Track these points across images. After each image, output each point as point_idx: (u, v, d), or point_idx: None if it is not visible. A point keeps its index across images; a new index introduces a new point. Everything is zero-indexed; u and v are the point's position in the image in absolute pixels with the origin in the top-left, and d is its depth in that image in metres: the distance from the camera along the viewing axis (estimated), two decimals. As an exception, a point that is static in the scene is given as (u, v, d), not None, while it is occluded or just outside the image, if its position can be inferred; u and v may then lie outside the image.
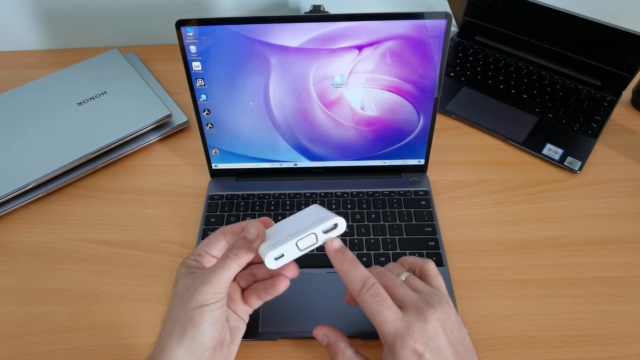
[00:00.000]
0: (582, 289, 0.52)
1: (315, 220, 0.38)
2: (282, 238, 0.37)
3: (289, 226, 0.39)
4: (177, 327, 0.36)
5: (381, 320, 0.35)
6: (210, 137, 0.59)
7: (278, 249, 0.36)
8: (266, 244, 0.37)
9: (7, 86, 0.73)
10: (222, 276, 0.36)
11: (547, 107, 0.71)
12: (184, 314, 0.36)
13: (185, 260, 0.40)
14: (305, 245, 0.37)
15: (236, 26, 0.51)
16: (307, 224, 0.38)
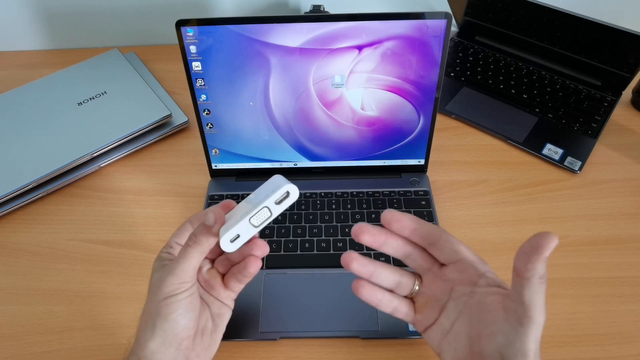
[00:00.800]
0: (582, 289, 0.52)
1: (268, 192, 0.37)
2: (236, 218, 0.37)
3: (246, 204, 0.38)
4: (149, 320, 0.36)
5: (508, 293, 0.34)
6: (210, 137, 0.59)
7: (232, 230, 0.36)
8: (225, 226, 0.37)
9: (7, 86, 0.73)
10: (184, 266, 0.36)
11: (547, 107, 0.71)
12: (154, 307, 0.36)
13: (159, 254, 0.41)
14: (259, 221, 0.36)
15: (236, 26, 0.51)
16: (260, 197, 0.37)
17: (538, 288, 0.32)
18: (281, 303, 0.50)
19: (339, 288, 0.52)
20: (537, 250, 0.31)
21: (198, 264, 0.37)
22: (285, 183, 0.37)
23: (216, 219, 0.36)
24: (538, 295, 0.32)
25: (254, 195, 0.39)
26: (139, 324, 0.38)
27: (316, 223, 0.57)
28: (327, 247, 0.55)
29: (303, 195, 0.60)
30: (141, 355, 0.36)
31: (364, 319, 0.49)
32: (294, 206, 0.59)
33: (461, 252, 0.37)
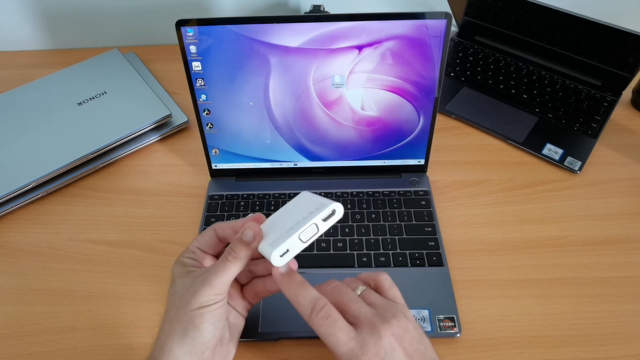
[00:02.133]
0: (582, 289, 0.52)
1: (312, 209, 0.37)
2: (282, 233, 0.37)
3: (284, 219, 0.39)
4: (178, 327, 0.36)
5: (334, 343, 0.34)
6: (210, 137, 0.59)
7: (282, 246, 0.36)
8: (266, 241, 0.37)
9: (7, 86, 0.73)
10: (222, 278, 0.36)
11: (547, 107, 0.71)
12: (184, 315, 0.36)
13: (181, 259, 0.40)
14: (307, 237, 0.37)
15: (236, 26, 0.51)
16: (304, 213, 0.37)
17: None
18: (281, 303, 0.50)
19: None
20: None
21: (234, 277, 0.37)
22: (327, 201, 0.38)
23: (255, 235, 0.37)
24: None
25: (286, 211, 0.39)
26: (162, 330, 0.37)
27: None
28: (327, 247, 0.55)
29: (303, 195, 0.60)
30: None
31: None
32: (294, 206, 0.59)
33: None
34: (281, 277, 0.38)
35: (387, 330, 0.34)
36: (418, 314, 0.49)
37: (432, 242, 0.55)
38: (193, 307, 0.36)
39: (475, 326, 0.49)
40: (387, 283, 0.40)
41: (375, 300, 0.38)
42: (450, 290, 0.51)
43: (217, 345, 0.39)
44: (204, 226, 0.57)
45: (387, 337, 0.34)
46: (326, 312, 0.35)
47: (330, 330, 0.35)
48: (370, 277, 0.41)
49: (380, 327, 0.34)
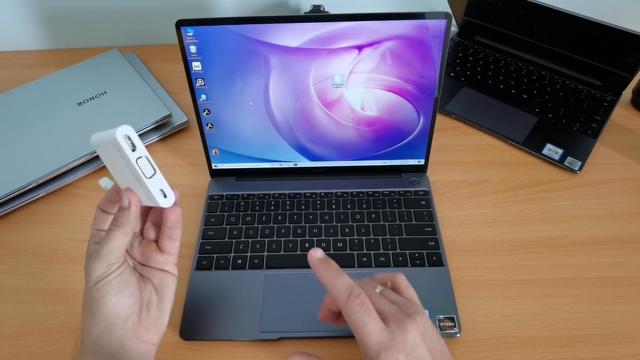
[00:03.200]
0: (582, 289, 0.52)
1: (122, 149, 0.36)
2: (140, 183, 0.37)
3: (121, 172, 0.38)
4: (87, 308, 0.37)
5: (366, 332, 0.35)
6: (210, 137, 0.59)
7: (153, 194, 0.37)
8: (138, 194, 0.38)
9: (7, 86, 0.73)
10: (109, 248, 0.37)
11: (547, 107, 0.71)
12: (88, 295, 0.37)
13: (88, 249, 0.40)
14: (150, 169, 0.37)
15: (236, 26, 0.51)
16: (121, 162, 0.37)
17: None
18: (281, 303, 0.50)
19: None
20: None
21: (123, 245, 0.38)
22: (112, 132, 0.36)
23: (130, 201, 0.38)
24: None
25: (112, 162, 0.39)
26: (82, 316, 0.38)
27: (316, 223, 0.57)
28: (327, 247, 0.55)
29: (303, 195, 0.60)
30: (88, 342, 0.37)
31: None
32: (294, 206, 0.59)
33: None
34: (318, 263, 0.38)
35: (412, 325, 0.35)
36: (418, 314, 0.49)
37: (432, 242, 0.55)
38: (90, 285, 0.37)
39: (475, 326, 0.49)
40: (404, 283, 0.41)
41: (395, 298, 0.38)
42: (450, 290, 0.51)
43: (142, 311, 0.39)
44: (204, 226, 0.57)
45: (412, 332, 0.35)
46: (362, 300, 0.36)
47: (364, 318, 0.35)
48: (387, 277, 0.41)
49: (407, 322, 0.35)
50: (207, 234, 0.57)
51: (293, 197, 0.60)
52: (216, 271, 0.53)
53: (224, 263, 0.54)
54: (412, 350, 0.34)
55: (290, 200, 0.60)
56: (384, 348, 0.34)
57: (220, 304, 0.50)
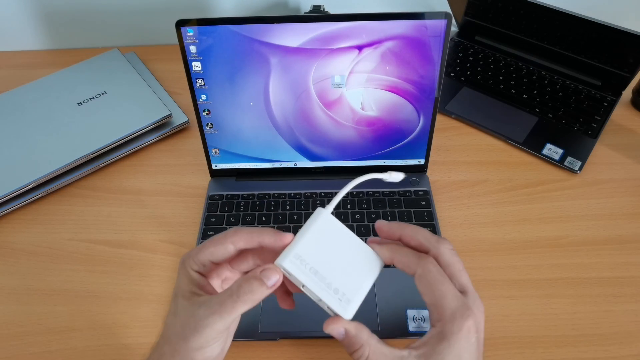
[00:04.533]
0: (582, 289, 0.52)
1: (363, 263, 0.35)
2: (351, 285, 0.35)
3: (332, 258, 0.35)
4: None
5: (443, 292, 0.34)
6: (210, 137, 0.59)
7: (355, 304, 0.35)
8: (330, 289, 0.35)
9: (7, 86, 0.73)
10: (227, 320, 0.33)
11: (547, 107, 0.71)
12: (184, 352, 0.33)
13: (188, 269, 0.36)
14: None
15: (236, 26, 0.51)
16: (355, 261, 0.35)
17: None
18: (281, 303, 0.50)
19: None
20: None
21: (239, 315, 0.34)
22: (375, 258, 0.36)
23: (277, 282, 0.33)
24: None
25: (330, 246, 0.35)
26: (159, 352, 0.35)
27: (316, 223, 0.57)
28: (327, 247, 0.55)
29: (303, 195, 0.60)
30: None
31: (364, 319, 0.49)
32: (294, 206, 0.59)
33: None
34: (380, 245, 0.37)
35: (482, 306, 0.35)
36: (418, 314, 0.49)
37: (432, 242, 0.55)
38: (192, 346, 0.33)
39: (475, 326, 0.49)
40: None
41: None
42: (450, 290, 0.51)
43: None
44: (204, 226, 0.57)
45: (482, 314, 0.35)
46: (434, 261, 0.35)
47: (440, 277, 0.34)
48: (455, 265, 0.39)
49: (480, 305, 0.35)
50: (207, 234, 0.57)
51: (293, 197, 0.60)
52: (216, 271, 0.53)
53: (224, 263, 0.54)
54: (478, 328, 0.34)
55: (290, 200, 0.60)
56: (460, 314, 0.33)
57: (220, 304, 0.50)
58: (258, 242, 0.35)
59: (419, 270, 0.35)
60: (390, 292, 0.51)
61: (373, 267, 0.36)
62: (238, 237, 0.35)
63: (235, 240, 0.35)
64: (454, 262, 0.36)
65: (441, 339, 0.33)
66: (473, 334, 0.33)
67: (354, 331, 0.35)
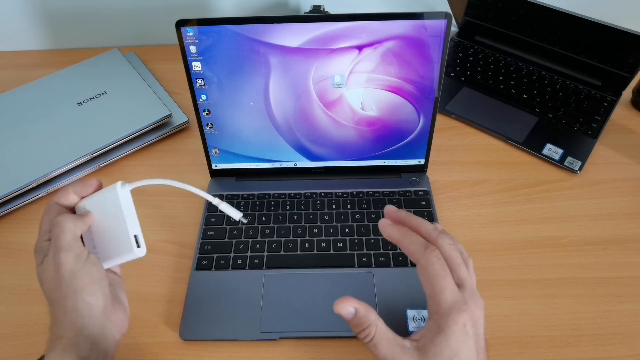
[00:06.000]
0: (582, 289, 0.52)
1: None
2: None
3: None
4: (64, 302, 0.38)
5: (442, 286, 0.35)
6: (210, 137, 0.59)
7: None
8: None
9: (7, 86, 0.73)
10: (70, 237, 0.38)
11: (547, 107, 0.71)
12: (65, 288, 0.38)
13: (38, 245, 0.41)
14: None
15: (236, 26, 0.51)
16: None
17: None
18: (281, 303, 0.50)
19: (339, 288, 0.52)
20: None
21: (80, 232, 0.40)
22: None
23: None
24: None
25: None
26: (55, 312, 0.39)
27: (316, 223, 0.57)
28: (327, 247, 0.55)
29: (303, 195, 0.60)
30: (71, 336, 0.37)
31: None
32: (294, 206, 0.59)
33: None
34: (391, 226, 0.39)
35: (481, 303, 0.36)
36: (418, 314, 0.49)
37: (432, 242, 0.55)
38: (67, 276, 0.37)
39: (475, 326, 0.49)
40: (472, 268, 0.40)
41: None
42: (450, 290, 0.51)
43: (112, 298, 0.40)
44: (204, 226, 0.57)
45: (480, 309, 0.36)
46: (439, 254, 0.36)
47: (441, 272, 0.35)
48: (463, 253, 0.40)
49: (479, 299, 0.36)
50: (207, 234, 0.57)
51: (293, 197, 0.60)
52: (216, 271, 0.53)
53: (224, 263, 0.54)
54: (476, 322, 0.35)
55: (290, 200, 0.60)
56: (457, 308, 0.34)
57: (220, 304, 0.50)
58: (72, 192, 0.42)
59: (422, 261, 0.36)
60: (390, 292, 0.51)
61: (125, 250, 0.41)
62: (57, 195, 0.42)
63: (56, 198, 0.42)
64: (453, 257, 0.37)
65: (438, 332, 0.34)
66: (469, 327, 0.34)
67: (363, 311, 0.36)
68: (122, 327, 0.41)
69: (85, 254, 0.39)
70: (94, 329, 0.37)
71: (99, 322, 0.38)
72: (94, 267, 0.39)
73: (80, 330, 0.37)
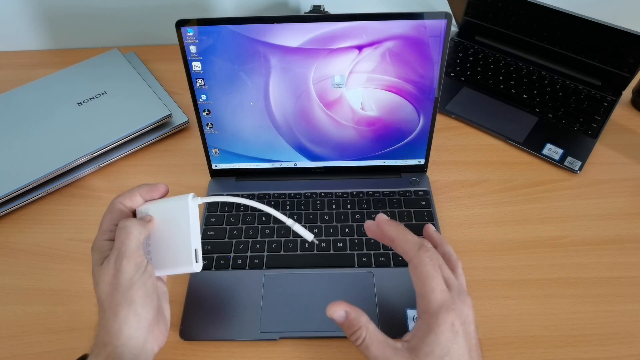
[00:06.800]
0: (582, 289, 0.52)
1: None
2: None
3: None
4: (116, 309, 0.38)
5: (432, 286, 0.36)
6: (210, 137, 0.59)
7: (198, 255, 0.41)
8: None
9: (7, 86, 0.73)
10: (134, 245, 0.39)
11: (547, 107, 0.71)
12: (119, 296, 0.38)
13: (97, 243, 0.41)
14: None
15: (236, 26, 0.51)
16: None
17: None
18: (281, 303, 0.50)
19: (339, 288, 0.52)
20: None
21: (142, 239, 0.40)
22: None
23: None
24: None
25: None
26: (105, 317, 0.38)
27: (316, 223, 0.57)
28: (327, 247, 0.55)
29: (303, 195, 0.60)
30: (117, 344, 0.37)
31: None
32: (294, 206, 0.59)
33: None
34: (388, 222, 0.39)
35: (469, 301, 0.37)
36: (418, 314, 0.49)
37: (432, 242, 0.55)
38: (125, 284, 0.37)
39: (475, 326, 0.49)
40: (460, 270, 0.41)
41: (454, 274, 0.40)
42: (450, 290, 0.51)
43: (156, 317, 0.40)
44: (204, 226, 0.57)
45: (468, 308, 0.36)
46: (433, 254, 0.37)
47: (433, 272, 0.36)
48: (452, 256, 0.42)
49: (466, 297, 0.37)
50: (207, 234, 0.57)
51: (293, 197, 0.60)
52: (216, 271, 0.53)
53: (224, 263, 0.54)
54: (464, 321, 0.35)
55: (290, 200, 0.60)
56: (446, 308, 0.35)
57: (220, 304, 0.50)
58: (139, 195, 0.44)
59: (415, 260, 0.37)
60: (390, 292, 0.51)
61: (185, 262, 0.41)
62: (123, 196, 0.43)
63: (121, 199, 0.43)
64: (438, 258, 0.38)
65: (428, 331, 0.35)
66: (458, 326, 0.35)
67: (353, 314, 0.37)
68: (162, 341, 0.41)
69: (144, 264, 0.39)
70: (138, 342, 0.38)
71: (143, 334, 0.38)
72: (150, 279, 0.39)
73: (126, 340, 0.37)
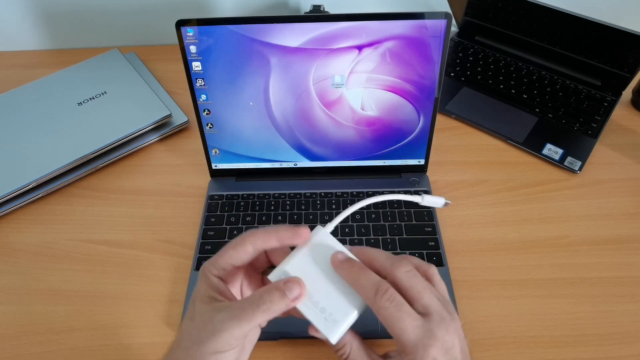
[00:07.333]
0: (582, 289, 0.52)
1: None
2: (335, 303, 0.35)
3: (320, 277, 0.36)
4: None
5: (401, 328, 0.33)
6: (210, 137, 0.59)
7: (342, 328, 0.34)
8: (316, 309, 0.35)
9: (7, 86, 0.73)
10: (244, 327, 0.33)
11: (547, 107, 0.71)
12: (199, 356, 0.33)
13: (208, 275, 0.36)
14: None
15: (236, 26, 0.51)
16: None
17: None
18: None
19: (339, 288, 0.51)
20: None
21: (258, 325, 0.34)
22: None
23: (300, 295, 0.34)
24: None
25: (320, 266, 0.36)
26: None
27: (316, 223, 0.57)
28: (327, 247, 0.55)
29: (303, 195, 0.60)
30: None
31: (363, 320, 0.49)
32: (294, 206, 0.59)
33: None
34: (341, 264, 0.36)
35: (453, 324, 0.34)
36: (418, 314, 0.49)
37: (432, 242, 0.55)
38: (208, 350, 0.33)
39: (475, 326, 0.49)
40: (437, 277, 0.38)
41: (437, 294, 0.36)
42: (450, 290, 0.51)
43: None
44: (204, 226, 0.57)
45: (452, 332, 0.34)
46: (391, 295, 0.34)
47: (396, 314, 0.33)
48: (421, 267, 0.38)
49: (449, 322, 0.34)
50: (207, 234, 0.57)
51: (293, 197, 0.60)
52: (216, 271, 0.53)
53: (224, 263, 0.54)
54: (449, 350, 0.33)
55: (290, 200, 0.60)
56: (422, 345, 0.33)
57: (220, 304, 0.50)
58: (276, 239, 0.35)
59: (375, 307, 0.34)
60: (390, 292, 0.51)
61: None
62: (255, 237, 0.35)
63: (253, 240, 0.35)
64: (412, 285, 0.35)
65: None
66: (441, 357, 0.33)
67: None
68: None
69: (240, 342, 0.35)
70: None
71: None
72: (235, 353, 0.35)
73: None
